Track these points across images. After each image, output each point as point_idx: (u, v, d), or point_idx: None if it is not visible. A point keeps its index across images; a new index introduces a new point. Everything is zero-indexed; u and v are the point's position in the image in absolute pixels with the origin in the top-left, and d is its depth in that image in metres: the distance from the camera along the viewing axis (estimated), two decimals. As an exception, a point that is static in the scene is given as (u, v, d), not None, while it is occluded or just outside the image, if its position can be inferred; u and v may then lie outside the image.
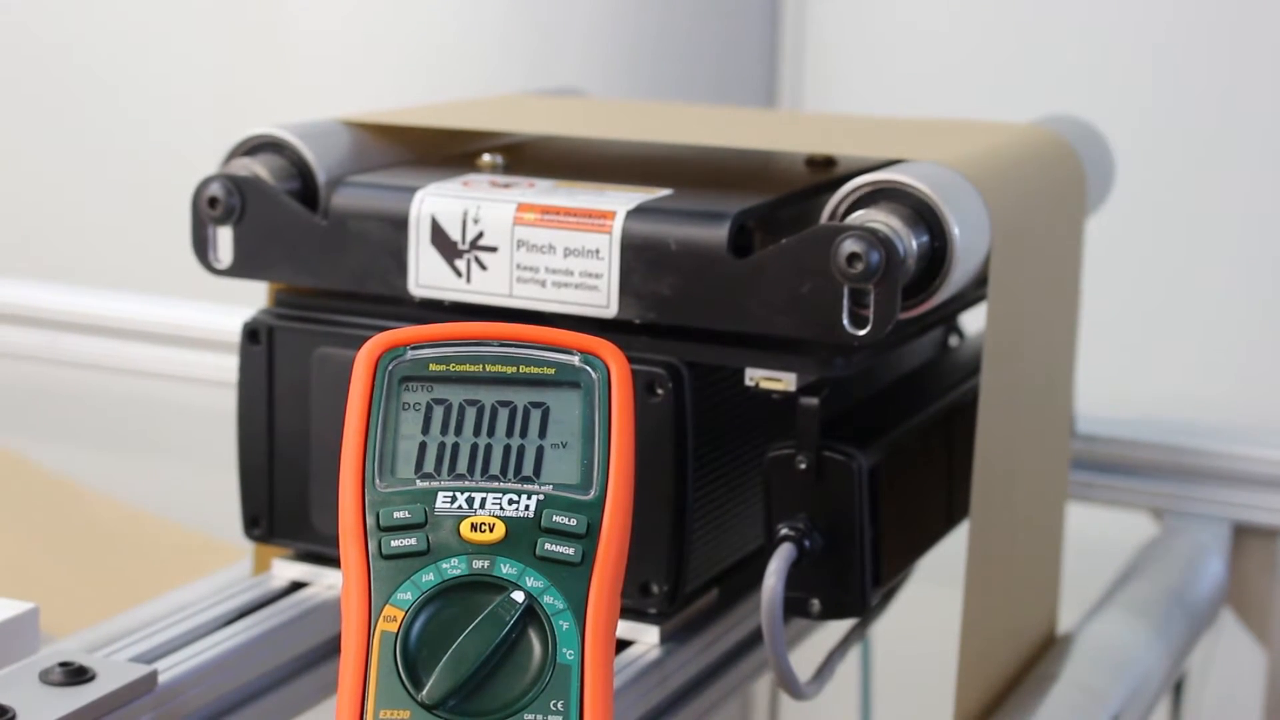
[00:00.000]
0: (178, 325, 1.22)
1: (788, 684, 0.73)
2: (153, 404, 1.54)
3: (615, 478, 0.56)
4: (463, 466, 0.56)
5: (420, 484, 0.56)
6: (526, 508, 0.55)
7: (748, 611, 0.80)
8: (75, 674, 0.63)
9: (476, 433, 0.57)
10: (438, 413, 0.57)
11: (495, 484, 0.56)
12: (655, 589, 0.72)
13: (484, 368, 0.58)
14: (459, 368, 0.58)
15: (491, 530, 0.55)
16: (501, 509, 0.55)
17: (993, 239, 0.72)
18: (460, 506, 0.56)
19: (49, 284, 1.30)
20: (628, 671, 0.71)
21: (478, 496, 0.56)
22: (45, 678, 0.63)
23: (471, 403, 0.57)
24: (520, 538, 0.55)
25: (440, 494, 0.56)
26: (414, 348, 0.58)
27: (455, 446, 0.57)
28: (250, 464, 0.79)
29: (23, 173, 1.65)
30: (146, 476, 1.56)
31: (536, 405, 0.57)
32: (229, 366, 0.82)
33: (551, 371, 0.58)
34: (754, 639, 0.80)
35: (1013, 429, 0.76)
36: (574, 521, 0.55)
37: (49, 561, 1.29)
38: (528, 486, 0.56)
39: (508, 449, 0.57)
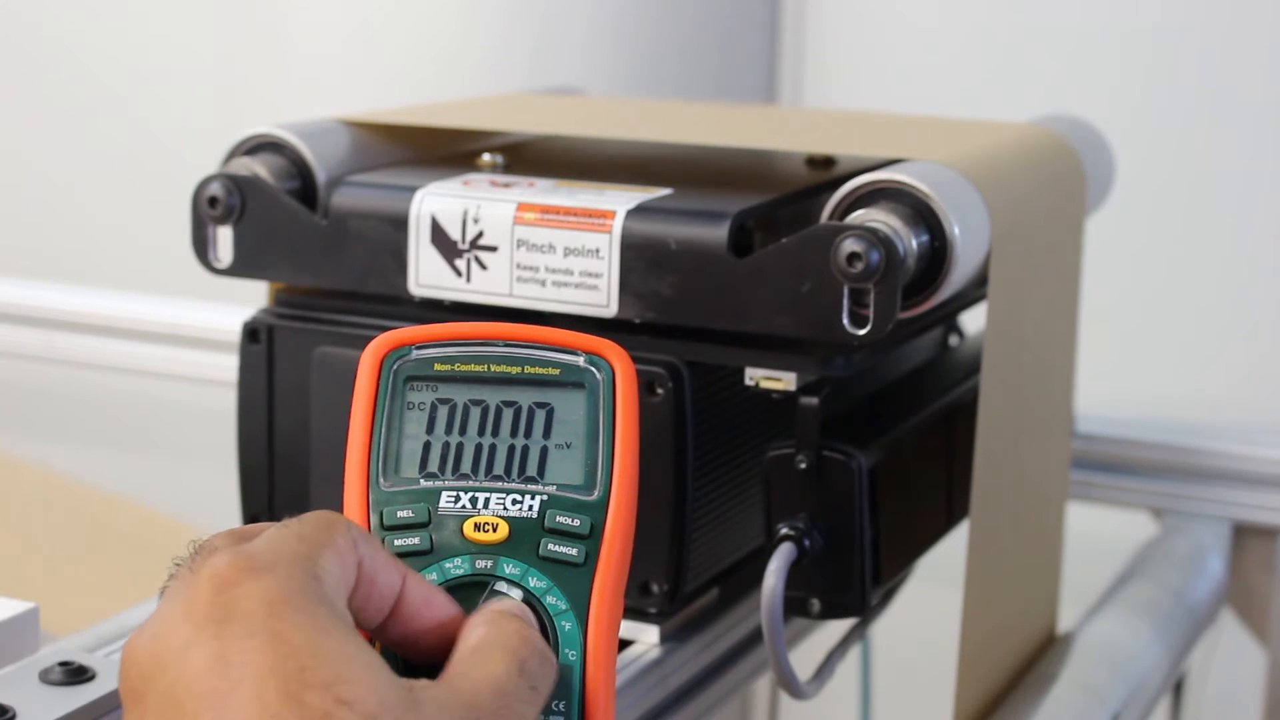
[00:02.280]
0: (177, 325, 1.22)
1: (788, 683, 0.73)
2: (152, 404, 1.54)
3: (619, 478, 0.56)
4: (467, 466, 0.56)
5: (424, 483, 0.56)
6: (530, 508, 0.55)
7: (748, 611, 0.80)
8: (75, 674, 0.63)
9: (481, 433, 0.57)
10: (442, 412, 0.57)
11: (499, 484, 0.56)
12: (655, 589, 0.72)
13: (489, 368, 0.58)
14: (464, 367, 0.58)
15: (495, 530, 0.55)
16: (505, 509, 0.55)
17: (993, 239, 0.72)
18: (464, 506, 0.55)
19: (48, 283, 1.30)
20: (628, 671, 0.71)
21: (481, 496, 0.56)
22: (45, 677, 0.63)
23: (476, 403, 0.57)
24: (523, 538, 0.55)
25: (444, 494, 0.56)
26: (419, 347, 0.58)
27: (459, 446, 0.57)
28: (250, 463, 0.79)
29: (22, 171, 1.65)
30: (147, 476, 1.56)
31: (541, 405, 0.57)
32: (229, 366, 0.82)
33: (556, 372, 0.58)
34: (754, 639, 0.80)
35: (1013, 429, 0.76)
36: (577, 522, 0.55)
37: (49, 561, 1.29)
38: (531, 487, 0.56)
39: (512, 449, 0.57)
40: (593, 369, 0.58)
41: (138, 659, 0.45)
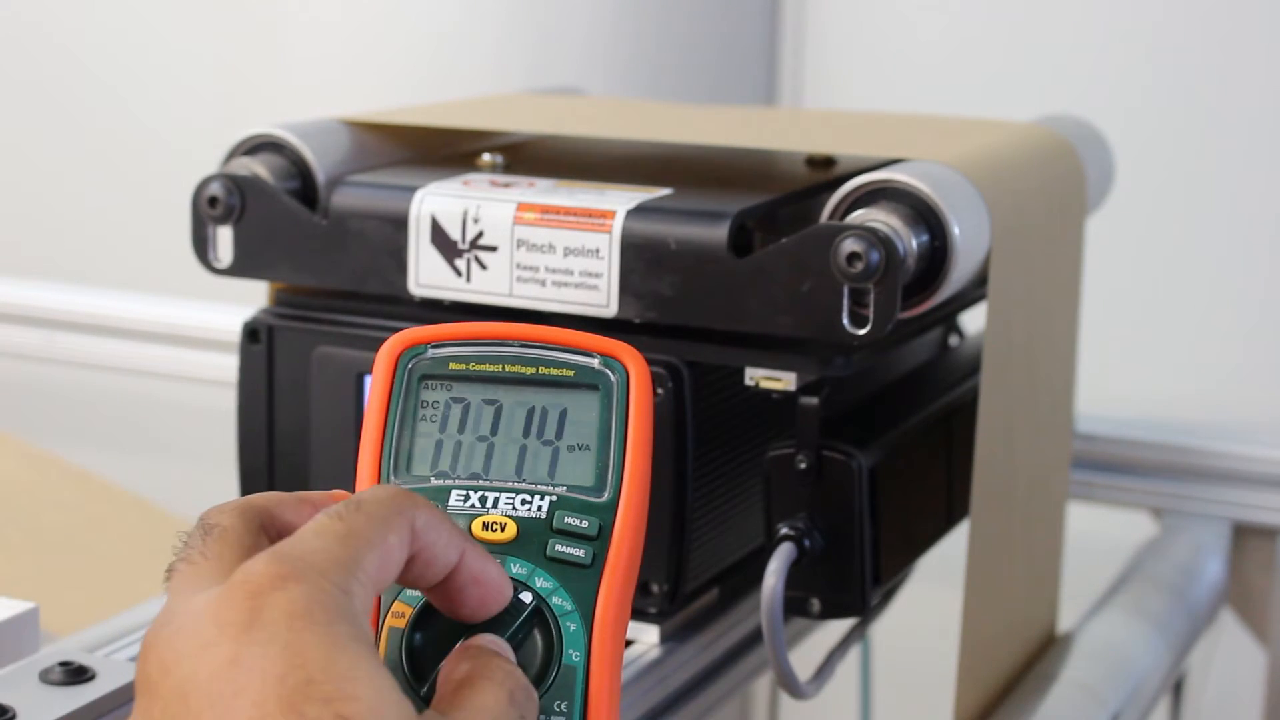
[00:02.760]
0: (177, 325, 1.22)
1: (788, 683, 0.73)
2: (152, 403, 1.54)
3: (630, 481, 0.56)
4: (478, 466, 0.56)
5: (435, 481, 0.56)
6: (539, 508, 0.55)
7: (748, 611, 0.80)
8: (75, 674, 0.63)
9: (493, 432, 0.57)
10: (455, 411, 0.57)
11: (509, 484, 0.56)
12: (655, 589, 0.72)
13: (503, 368, 0.58)
14: (479, 367, 0.58)
15: (503, 530, 0.55)
16: (514, 509, 0.55)
17: (993, 238, 0.72)
18: (473, 505, 0.55)
19: (48, 283, 1.30)
20: (628, 671, 0.71)
21: (491, 496, 0.56)
22: (45, 677, 0.63)
23: (490, 402, 0.57)
24: (531, 538, 0.55)
25: (454, 492, 0.56)
26: (435, 346, 0.58)
27: (472, 446, 0.57)
28: (250, 463, 0.79)
29: (23, 171, 1.65)
30: (147, 476, 1.56)
31: (555, 407, 0.57)
32: (229, 366, 0.82)
33: (571, 374, 0.58)
34: (754, 639, 0.80)
35: (1013, 429, 0.76)
36: (585, 523, 0.55)
37: (49, 561, 1.29)
38: (541, 487, 0.56)
39: (523, 449, 0.57)
40: (607, 371, 0.57)
41: (159, 650, 0.46)
